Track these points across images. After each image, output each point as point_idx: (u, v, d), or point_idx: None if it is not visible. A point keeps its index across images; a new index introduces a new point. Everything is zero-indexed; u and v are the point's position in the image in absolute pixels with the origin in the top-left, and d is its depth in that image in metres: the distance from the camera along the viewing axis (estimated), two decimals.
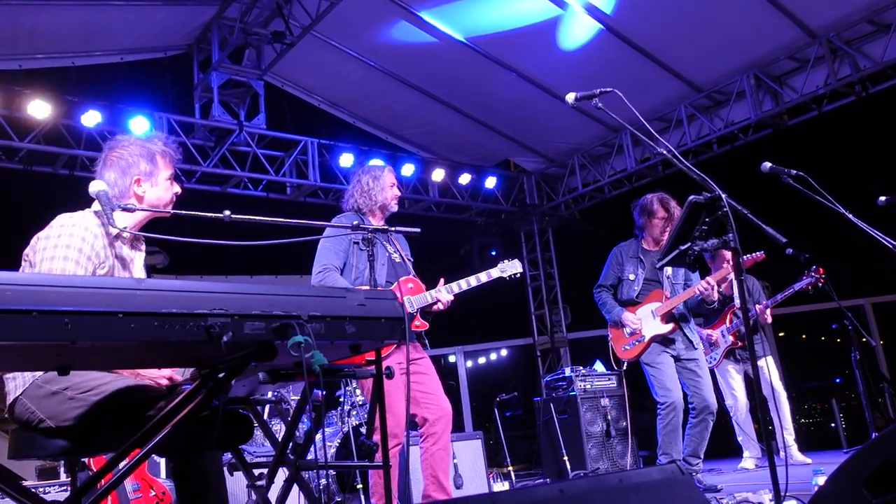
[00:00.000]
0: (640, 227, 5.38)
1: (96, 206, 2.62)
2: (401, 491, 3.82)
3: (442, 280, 4.06)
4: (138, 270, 2.72)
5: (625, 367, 5.35)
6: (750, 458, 6.53)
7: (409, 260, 4.26)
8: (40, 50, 7.40)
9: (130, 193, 2.67)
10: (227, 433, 2.49)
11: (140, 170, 2.68)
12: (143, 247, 2.77)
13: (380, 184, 4.21)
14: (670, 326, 5.11)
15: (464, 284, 4.07)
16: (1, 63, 7.28)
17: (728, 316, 6.33)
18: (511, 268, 4.26)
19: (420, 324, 4.03)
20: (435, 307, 4.01)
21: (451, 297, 4.03)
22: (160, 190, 2.72)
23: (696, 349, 5.13)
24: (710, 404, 4.94)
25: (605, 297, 5.39)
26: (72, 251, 2.39)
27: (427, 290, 4.05)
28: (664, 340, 5.10)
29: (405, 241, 4.38)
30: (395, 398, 3.74)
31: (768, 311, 6.17)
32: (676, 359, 5.07)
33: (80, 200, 2.71)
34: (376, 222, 4.21)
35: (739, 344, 6.32)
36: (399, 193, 4.31)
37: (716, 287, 5.10)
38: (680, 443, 4.93)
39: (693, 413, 4.99)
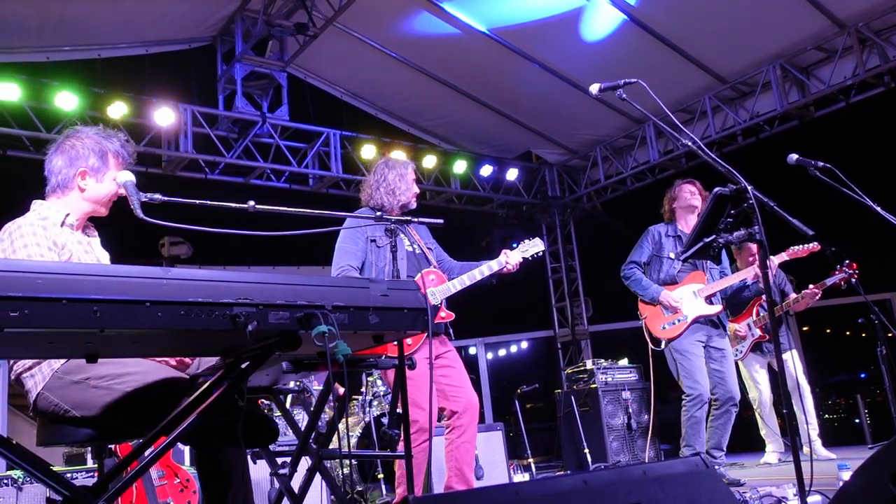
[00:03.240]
0: (672, 212, 5.35)
1: (35, 206, 2.63)
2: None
3: (505, 251, 4.12)
4: (99, 251, 2.74)
5: (662, 346, 5.06)
6: (773, 453, 6.48)
7: (431, 249, 4.24)
8: (67, 42, 7.49)
9: (73, 185, 2.65)
10: (253, 434, 2.50)
11: (88, 164, 2.66)
12: (94, 231, 2.79)
13: (405, 182, 4.16)
14: (718, 308, 4.99)
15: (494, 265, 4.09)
16: (29, 55, 7.37)
17: (754, 308, 6.28)
18: (532, 247, 4.19)
19: (446, 315, 4.02)
20: (505, 269, 4.05)
21: (520, 260, 4.08)
22: (104, 188, 2.69)
23: (725, 335, 5.07)
24: (733, 395, 4.87)
25: (638, 273, 5.22)
26: (32, 248, 2.41)
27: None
28: (699, 324, 4.98)
29: (426, 230, 4.35)
30: (424, 392, 3.76)
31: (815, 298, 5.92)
32: (706, 345, 4.98)
33: None
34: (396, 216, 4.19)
35: (766, 337, 6.26)
36: (418, 191, 4.28)
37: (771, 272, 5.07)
38: (703, 435, 4.87)
39: (716, 404, 4.93)
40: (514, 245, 4.24)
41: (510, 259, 4.06)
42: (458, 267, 4.26)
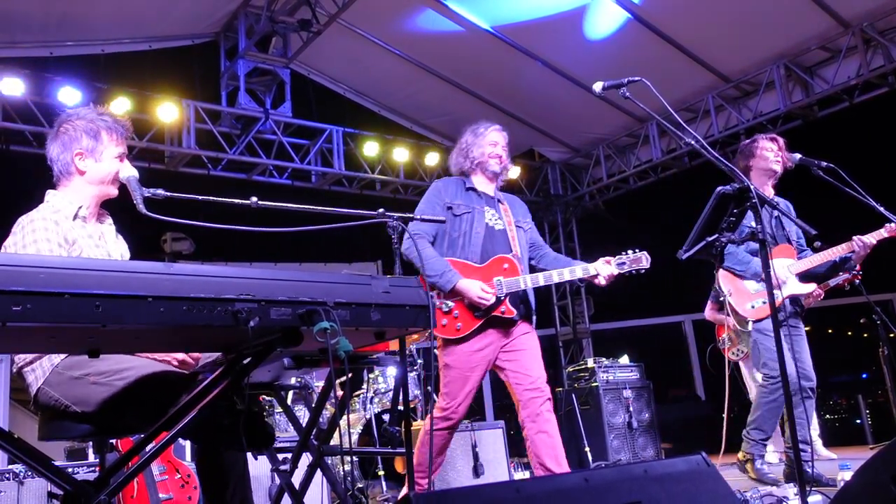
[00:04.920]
0: (744, 170, 4.62)
1: (48, 198, 2.62)
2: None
3: (604, 259, 3.77)
4: (112, 242, 2.72)
5: (749, 328, 4.44)
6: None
7: (523, 229, 3.97)
8: (70, 37, 7.49)
9: (73, 169, 2.63)
10: (251, 434, 2.49)
11: (82, 145, 2.62)
12: (109, 218, 2.76)
13: (479, 141, 3.99)
14: (812, 287, 4.47)
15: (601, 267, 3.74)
16: (32, 50, 7.37)
17: None
18: (633, 262, 3.76)
19: (506, 310, 3.74)
20: (596, 281, 3.72)
21: (614, 274, 3.71)
22: (104, 166, 2.65)
23: (800, 316, 4.61)
24: (810, 379, 4.47)
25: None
26: (42, 244, 2.41)
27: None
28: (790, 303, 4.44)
29: (525, 209, 4.11)
30: (461, 378, 3.61)
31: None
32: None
33: None
34: (483, 184, 3.98)
35: None
36: (501, 154, 3.98)
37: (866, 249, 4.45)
38: (777, 421, 4.49)
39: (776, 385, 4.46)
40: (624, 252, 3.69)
41: (601, 272, 3.71)
42: (549, 257, 3.98)
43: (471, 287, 3.65)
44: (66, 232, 2.50)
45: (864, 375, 10.53)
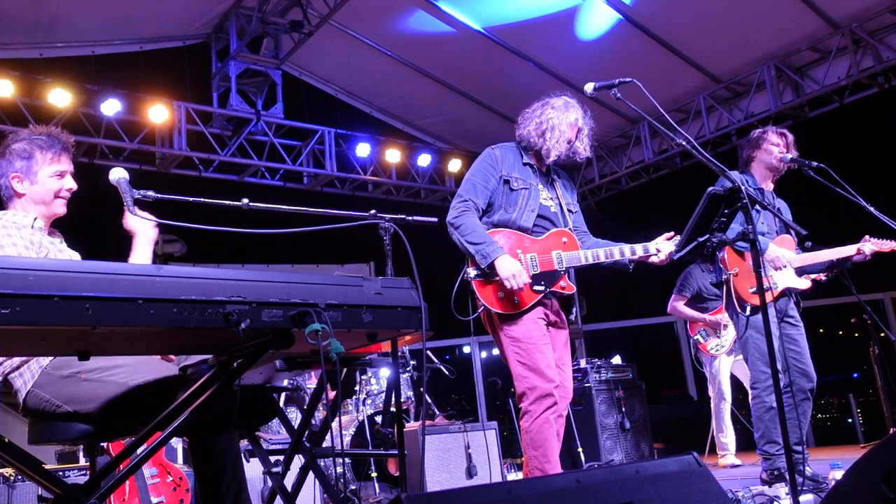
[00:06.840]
0: (747, 159, 4.48)
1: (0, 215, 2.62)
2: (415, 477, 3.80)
3: (664, 237, 3.60)
4: (69, 253, 2.71)
5: (748, 313, 4.22)
6: (731, 454, 6.31)
7: (572, 211, 3.84)
8: (61, 38, 7.47)
9: (13, 191, 2.61)
10: (247, 414, 2.50)
11: (15, 167, 2.60)
12: (60, 237, 2.75)
13: (557, 128, 3.77)
14: (808, 284, 4.34)
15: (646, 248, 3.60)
16: (22, 51, 7.34)
17: None
18: (667, 247, 3.56)
19: (566, 286, 3.62)
20: (651, 259, 3.57)
21: (672, 251, 3.49)
22: (41, 187, 2.62)
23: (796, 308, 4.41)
24: (813, 378, 4.36)
25: None
26: (9, 248, 2.39)
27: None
28: (781, 299, 4.29)
29: (573, 192, 3.99)
30: (535, 349, 3.50)
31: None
32: (781, 320, 4.29)
33: (99, 188, 2.73)
34: (540, 161, 3.81)
35: None
36: (563, 151, 3.78)
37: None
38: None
39: (788, 392, 4.20)
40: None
41: (663, 249, 3.54)
42: (591, 242, 3.82)
43: (508, 266, 3.42)
44: (31, 236, 2.50)
45: (855, 375, 10.58)
